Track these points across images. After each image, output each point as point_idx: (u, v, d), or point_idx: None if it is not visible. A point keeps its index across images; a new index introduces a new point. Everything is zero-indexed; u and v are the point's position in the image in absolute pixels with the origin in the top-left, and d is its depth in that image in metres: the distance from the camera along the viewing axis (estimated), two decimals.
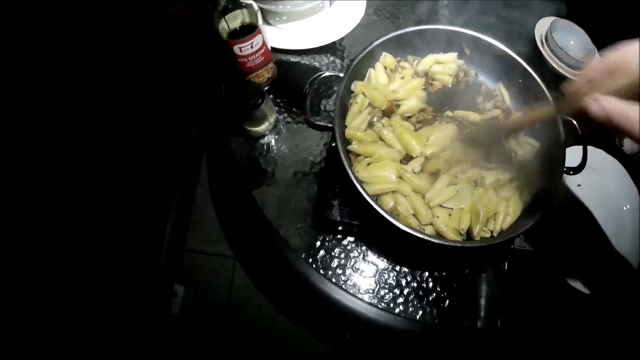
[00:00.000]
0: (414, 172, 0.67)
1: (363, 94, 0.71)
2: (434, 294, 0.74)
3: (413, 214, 0.64)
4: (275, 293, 1.31)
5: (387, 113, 0.72)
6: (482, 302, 0.74)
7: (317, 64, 0.91)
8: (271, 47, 0.84)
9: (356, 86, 0.71)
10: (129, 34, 0.95)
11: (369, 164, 0.67)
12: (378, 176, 0.65)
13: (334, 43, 0.91)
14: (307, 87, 0.70)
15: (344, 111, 0.70)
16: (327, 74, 0.71)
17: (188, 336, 1.31)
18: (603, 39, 0.96)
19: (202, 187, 1.42)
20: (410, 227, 0.57)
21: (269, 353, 1.30)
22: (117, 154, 0.97)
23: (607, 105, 0.41)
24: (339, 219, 0.72)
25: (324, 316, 0.86)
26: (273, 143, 0.84)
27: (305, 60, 0.92)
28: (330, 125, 0.66)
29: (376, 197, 0.65)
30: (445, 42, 0.78)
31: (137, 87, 1.02)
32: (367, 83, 0.74)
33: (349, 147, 0.67)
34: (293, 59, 0.92)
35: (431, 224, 0.64)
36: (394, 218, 0.57)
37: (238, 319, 1.34)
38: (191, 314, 1.34)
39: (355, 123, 0.69)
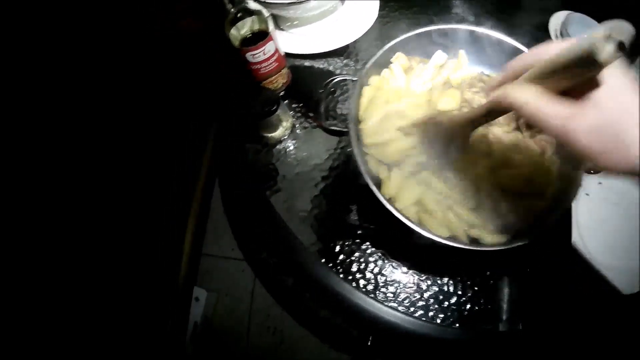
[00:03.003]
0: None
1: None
2: (455, 298, 0.73)
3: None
4: (295, 301, 1.30)
5: None
6: (504, 305, 0.72)
7: (331, 68, 0.91)
8: (285, 53, 0.84)
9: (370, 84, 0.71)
10: (141, 50, 0.96)
11: None
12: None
13: (347, 46, 0.91)
14: (320, 92, 0.70)
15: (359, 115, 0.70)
16: (339, 78, 0.71)
17: (209, 342, 1.32)
18: None
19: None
20: (436, 235, 0.57)
21: (289, 358, 1.30)
22: (136, 161, 0.98)
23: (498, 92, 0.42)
24: (358, 223, 0.72)
25: (344, 321, 0.86)
26: (291, 148, 0.84)
27: (319, 64, 0.92)
28: (345, 129, 0.66)
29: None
30: (459, 40, 0.77)
31: (155, 99, 1.04)
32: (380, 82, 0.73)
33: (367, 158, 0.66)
34: (307, 63, 0.92)
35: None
36: (415, 224, 0.57)
37: (259, 325, 1.34)
38: (213, 319, 1.35)
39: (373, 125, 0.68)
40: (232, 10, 0.73)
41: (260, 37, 0.76)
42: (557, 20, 0.97)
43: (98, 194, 0.89)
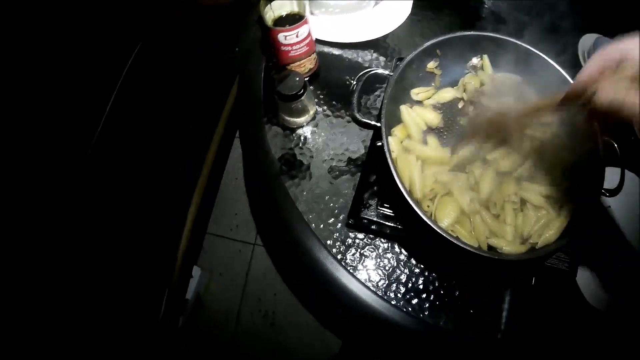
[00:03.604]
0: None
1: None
2: (459, 302, 0.73)
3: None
4: (296, 285, 1.32)
5: None
6: (504, 314, 0.74)
7: (360, 59, 0.90)
8: (315, 38, 0.83)
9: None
10: (141, 49, 0.95)
11: None
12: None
13: (378, 39, 0.90)
14: (354, 84, 0.69)
15: (391, 111, 0.69)
16: (377, 70, 0.70)
17: (199, 319, 1.32)
18: None
19: (227, 173, 1.43)
20: (465, 244, 0.57)
21: (278, 341, 1.31)
22: (137, 155, 0.97)
23: (608, 93, 0.44)
24: (375, 219, 0.72)
25: (345, 314, 0.86)
26: (310, 135, 0.83)
27: (348, 54, 0.91)
28: (378, 124, 0.65)
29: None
30: (488, 47, 0.77)
31: (170, 72, 1.02)
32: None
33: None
34: (336, 51, 0.91)
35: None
36: (447, 234, 0.57)
37: (251, 307, 1.34)
38: (205, 297, 1.35)
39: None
40: None
41: (294, 18, 0.75)
42: (585, 42, 0.97)
43: (98, 184, 0.88)
